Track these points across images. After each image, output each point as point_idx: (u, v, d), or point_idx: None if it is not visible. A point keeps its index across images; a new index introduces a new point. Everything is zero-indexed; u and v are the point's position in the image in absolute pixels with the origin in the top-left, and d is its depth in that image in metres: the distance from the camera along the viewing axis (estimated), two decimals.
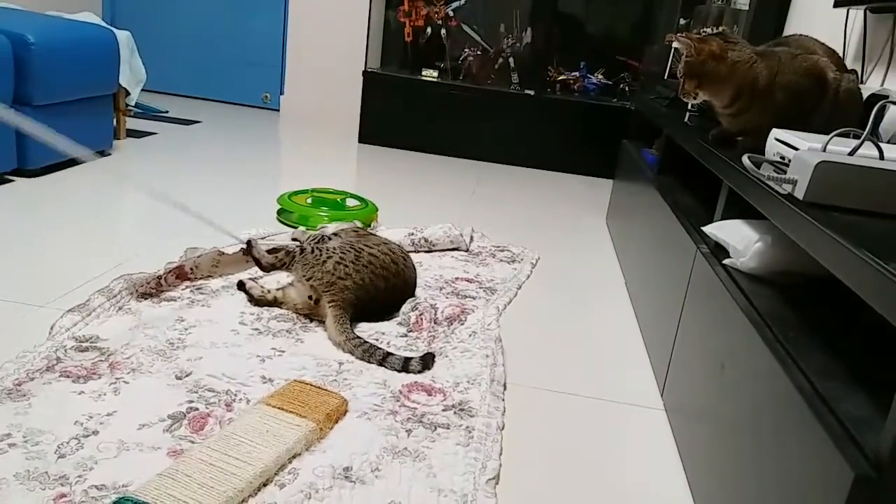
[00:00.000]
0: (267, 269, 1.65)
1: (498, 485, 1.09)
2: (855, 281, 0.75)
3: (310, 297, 1.56)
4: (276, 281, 1.72)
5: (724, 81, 1.45)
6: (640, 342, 1.72)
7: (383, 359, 1.39)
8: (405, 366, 1.37)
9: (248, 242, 1.67)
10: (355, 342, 1.42)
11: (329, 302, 1.51)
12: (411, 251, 2.10)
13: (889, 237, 0.90)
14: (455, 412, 1.26)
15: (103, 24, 2.99)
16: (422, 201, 2.85)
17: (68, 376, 1.22)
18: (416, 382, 1.34)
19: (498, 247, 2.25)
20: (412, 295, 1.71)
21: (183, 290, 1.65)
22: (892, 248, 0.83)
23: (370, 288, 1.56)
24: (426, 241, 2.14)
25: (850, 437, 0.73)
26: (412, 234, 2.15)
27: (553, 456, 1.22)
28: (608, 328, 1.81)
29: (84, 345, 1.34)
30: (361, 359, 1.40)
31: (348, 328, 1.46)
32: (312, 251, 1.60)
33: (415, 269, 1.76)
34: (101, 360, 1.29)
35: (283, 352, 1.41)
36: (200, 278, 1.72)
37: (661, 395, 1.45)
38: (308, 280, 1.56)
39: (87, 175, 2.57)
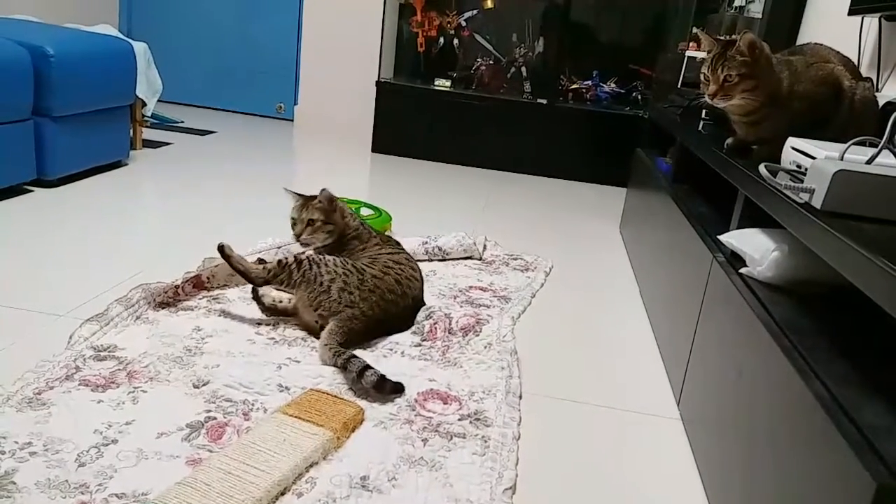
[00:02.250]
0: (259, 283, 1.57)
1: (514, 495, 1.09)
2: (873, 289, 0.75)
3: (316, 322, 1.51)
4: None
5: (766, 87, 1.42)
6: (655, 351, 1.71)
7: (345, 363, 1.34)
8: (361, 373, 1.31)
9: (221, 248, 1.56)
10: (334, 350, 1.40)
11: (335, 324, 1.47)
12: (425, 260, 2.10)
13: None
14: (471, 421, 1.26)
15: (120, 35, 3.03)
16: (435, 210, 2.86)
17: (87, 385, 1.23)
18: (431, 390, 1.34)
19: (511, 255, 2.26)
20: (419, 307, 1.67)
21: (200, 299, 1.66)
22: None
23: (378, 315, 1.53)
24: (440, 249, 2.15)
25: (871, 446, 0.72)
26: (426, 242, 2.15)
27: (569, 466, 1.21)
28: (623, 337, 1.80)
29: (102, 354, 1.35)
30: (333, 364, 1.38)
31: (336, 340, 1.43)
32: (311, 267, 1.53)
33: (421, 279, 1.71)
34: (119, 370, 1.30)
35: (300, 361, 1.42)
36: (217, 287, 1.73)
37: (678, 405, 1.45)
38: (316, 310, 1.51)
39: (104, 186, 2.60)
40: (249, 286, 1.76)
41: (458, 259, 2.17)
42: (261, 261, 1.76)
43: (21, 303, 1.55)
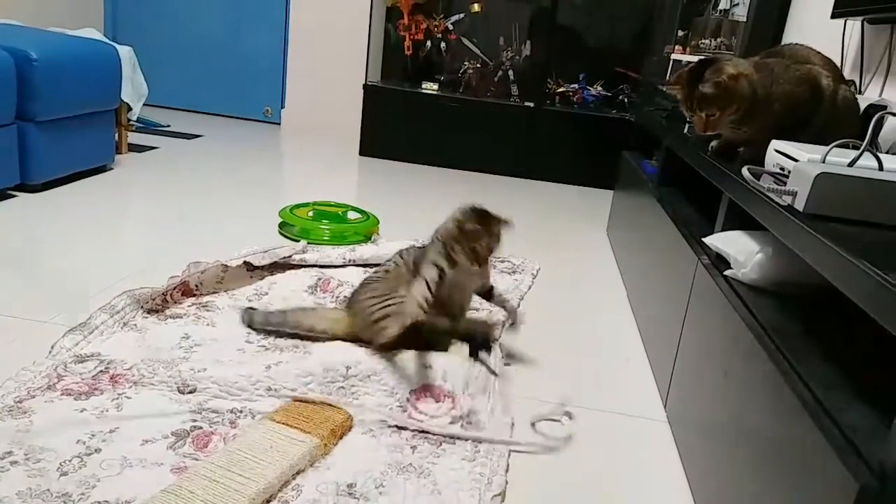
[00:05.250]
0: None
1: (504, 502, 1.09)
2: (855, 291, 0.76)
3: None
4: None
5: (745, 101, 1.43)
6: (642, 353, 1.71)
7: None
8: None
9: None
10: None
11: None
12: None
13: (889, 248, 0.90)
14: (462, 426, 1.24)
15: (105, 39, 3.01)
16: (423, 213, 2.85)
17: (70, 394, 1.22)
18: (424, 386, 1.33)
19: (499, 258, 2.25)
20: None
21: (189, 306, 1.64)
22: (891, 258, 0.83)
23: None
24: None
25: (854, 448, 0.72)
26: (414, 246, 2.14)
27: (556, 468, 1.21)
28: (610, 339, 1.80)
29: (85, 361, 1.33)
30: None
31: None
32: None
33: None
34: (102, 373, 1.29)
35: (290, 363, 1.40)
36: (206, 294, 1.72)
37: (665, 407, 1.45)
38: None
39: (89, 190, 2.58)
40: (237, 292, 1.75)
41: None
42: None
43: (2, 309, 1.53)
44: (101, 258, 1.95)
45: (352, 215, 2.42)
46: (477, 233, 1.46)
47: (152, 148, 3.40)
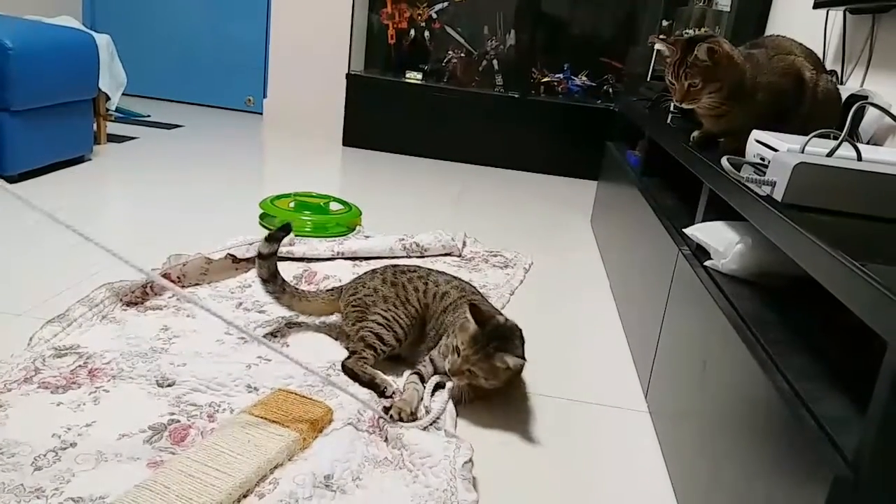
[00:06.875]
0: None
1: (478, 483, 1.08)
2: (831, 282, 0.76)
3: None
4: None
5: (729, 84, 1.42)
6: (624, 344, 1.72)
7: None
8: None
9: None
10: None
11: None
12: (404, 256, 2.08)
13: (865, 238, 0.91)
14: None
15: (83, 28, 2.96)
16: (407, 204, 2.84)
17: (47, 388, 1.20)
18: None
19: (491, 252, 2.24)
20: None
21: (169, 298, 1.62)
22: (867, 248, 0.83)
23: None
24: (418, 245, 2.13)
25: (829, 438, 0.73)
26: (403, 239, 2.13)
27: (536, 459, 1.21)
28: (592, 330, 1.81)
29: (63, 354, 1.31)
30: None
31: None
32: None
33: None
34: (80, 367, 1.27)
35: (270, 360, 1.39)
36: (188, 286, 1.70)
37: (645, 397, 1.45)
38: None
39: (67, 181, 2.54)
40: (220, 285, 1.74)
41: (437, 256, 2.15)
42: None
43: None
44: (78, 250, 1.91)
45: (334, 206, 2.41)
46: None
47: (132, 138, 3.36)
